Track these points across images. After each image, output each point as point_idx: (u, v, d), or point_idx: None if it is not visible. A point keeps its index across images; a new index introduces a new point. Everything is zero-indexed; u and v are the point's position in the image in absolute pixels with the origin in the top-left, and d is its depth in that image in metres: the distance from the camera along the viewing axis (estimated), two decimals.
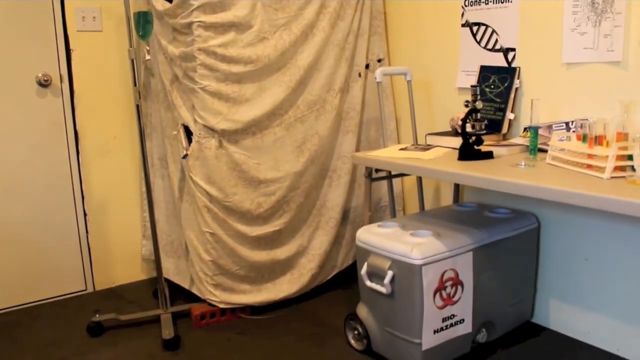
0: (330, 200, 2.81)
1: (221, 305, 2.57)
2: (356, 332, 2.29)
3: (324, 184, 2.81)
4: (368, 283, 2.13)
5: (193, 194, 2.51)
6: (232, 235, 2.54)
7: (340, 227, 2.87)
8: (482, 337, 2.22)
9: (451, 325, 2.08)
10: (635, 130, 1.77)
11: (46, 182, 2.83)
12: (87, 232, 2.98)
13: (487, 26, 2.51)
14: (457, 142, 2.18)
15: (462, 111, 2.17)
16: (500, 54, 2.48)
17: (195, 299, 2.68)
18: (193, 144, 2.46)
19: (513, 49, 2.42)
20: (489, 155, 2.12)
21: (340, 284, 2.89)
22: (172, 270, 2.88)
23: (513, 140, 2.34)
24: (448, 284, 2.03)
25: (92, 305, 2.83)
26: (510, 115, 2.41)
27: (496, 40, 2.48)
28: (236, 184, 2.52)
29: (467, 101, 2.11)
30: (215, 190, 2.47)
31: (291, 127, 2.63)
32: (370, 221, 2.44)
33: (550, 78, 2.30)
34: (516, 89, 2.40)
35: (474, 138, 2.10)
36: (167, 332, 2.42)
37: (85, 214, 2.96)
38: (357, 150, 2.88)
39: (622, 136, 1.76)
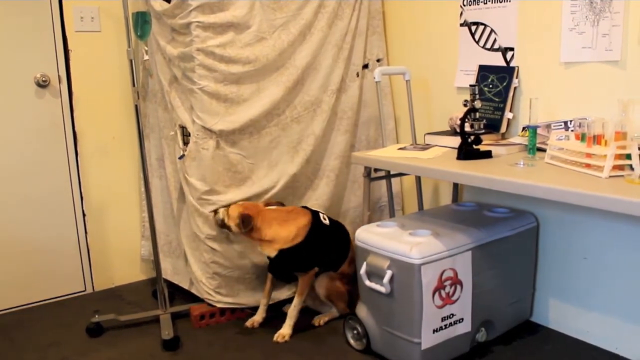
0: (326, 201, 2.80)
1: (220, 305, 2.57)
2: (355, 331, 2.29)
3: (320, 184, 2.79)
4: (367, 282, 2.13)
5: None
6: (230, 235, 2.53)
7: None
8: (481, 336, 2.22)
9: (450, 324, 2.08)
10: (633, 129, 1.78)
11: (45, 182, 2.83)
12: (86, 232, 2.98)
13: (485, 25, 2.51)
14: (456, 141, 2.18)
15: (461, 110, 2.17)
16: (499, 54, 2.48)
17: (194, 299, 2.67)
18: (190, 144, 2.46)
19: (512, 49, 2.42)
20: (487, 154, 2.12)
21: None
22: (170, 271, 2.87)
23: (512, 140, 2.35)
24: (447, 283, 2.03)
25: (91, 305, 2.83)
26: (508, 115, 2.41)
27: (495, 40, 2.49)
28: (230, 184, 2.51)
29: (465, 100, 2.11)
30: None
31: (287, 127, 2.63)
32: (369, 221, 2.44)
33: (548, 77, 2.30)
34: (515, 88, 2.40)
35: (472, 137, 2.10)
36: (167, 332, 2.42)
37: (84, 215, 2.96)
38: (352, 150, 2.87)
39: (621, 135, 1.76)
